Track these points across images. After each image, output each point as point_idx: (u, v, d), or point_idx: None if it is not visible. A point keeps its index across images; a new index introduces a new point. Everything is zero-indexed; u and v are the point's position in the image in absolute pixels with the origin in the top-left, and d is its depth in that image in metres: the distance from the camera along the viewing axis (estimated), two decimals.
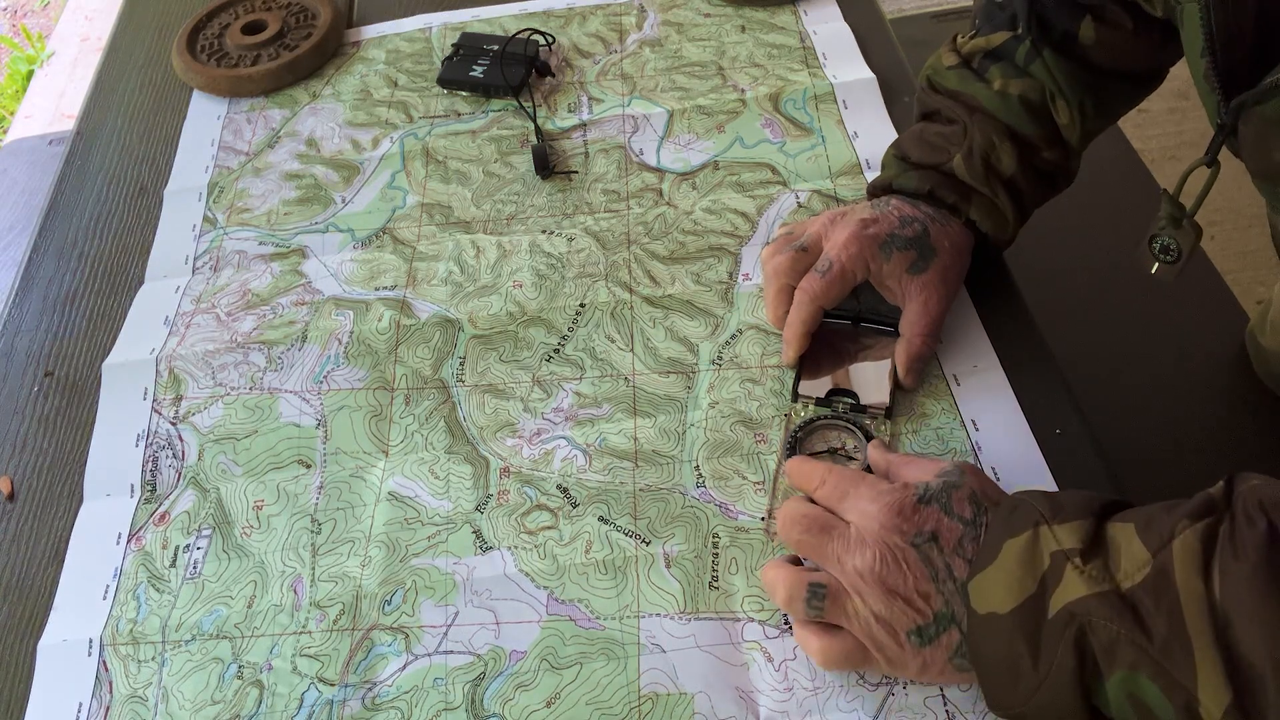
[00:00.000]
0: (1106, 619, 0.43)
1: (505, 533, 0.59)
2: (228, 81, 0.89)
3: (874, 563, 0.49)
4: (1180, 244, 0.60)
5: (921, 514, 0.49)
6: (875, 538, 0.49)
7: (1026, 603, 0.45)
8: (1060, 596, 0.44)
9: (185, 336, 0.71)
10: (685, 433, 0.63)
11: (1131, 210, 0.80)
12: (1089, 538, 0.45)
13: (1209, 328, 0.75)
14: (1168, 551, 0.43)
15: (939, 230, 0.64)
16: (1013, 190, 0.65)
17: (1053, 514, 0.47)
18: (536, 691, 0.53)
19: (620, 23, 0.92)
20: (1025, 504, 0.48)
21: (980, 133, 0.65)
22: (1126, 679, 0.43)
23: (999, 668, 0.46)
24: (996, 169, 0.65)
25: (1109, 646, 0.43)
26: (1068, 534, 0.46)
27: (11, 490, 0.66)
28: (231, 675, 0.55)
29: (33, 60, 2.32)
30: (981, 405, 0.62)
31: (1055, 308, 0.70)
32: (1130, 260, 0.65)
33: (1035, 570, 0.45)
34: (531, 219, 0.76)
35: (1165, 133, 1.73)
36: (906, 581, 0.49)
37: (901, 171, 0.67)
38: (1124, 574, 0.44)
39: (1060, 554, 0.45)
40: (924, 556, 0.49)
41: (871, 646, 0.50)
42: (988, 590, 0.47)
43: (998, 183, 0.65)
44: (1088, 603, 0.43)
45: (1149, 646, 0.42)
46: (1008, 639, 0.46)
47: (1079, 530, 0.46)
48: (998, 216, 0.65)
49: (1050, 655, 0.44)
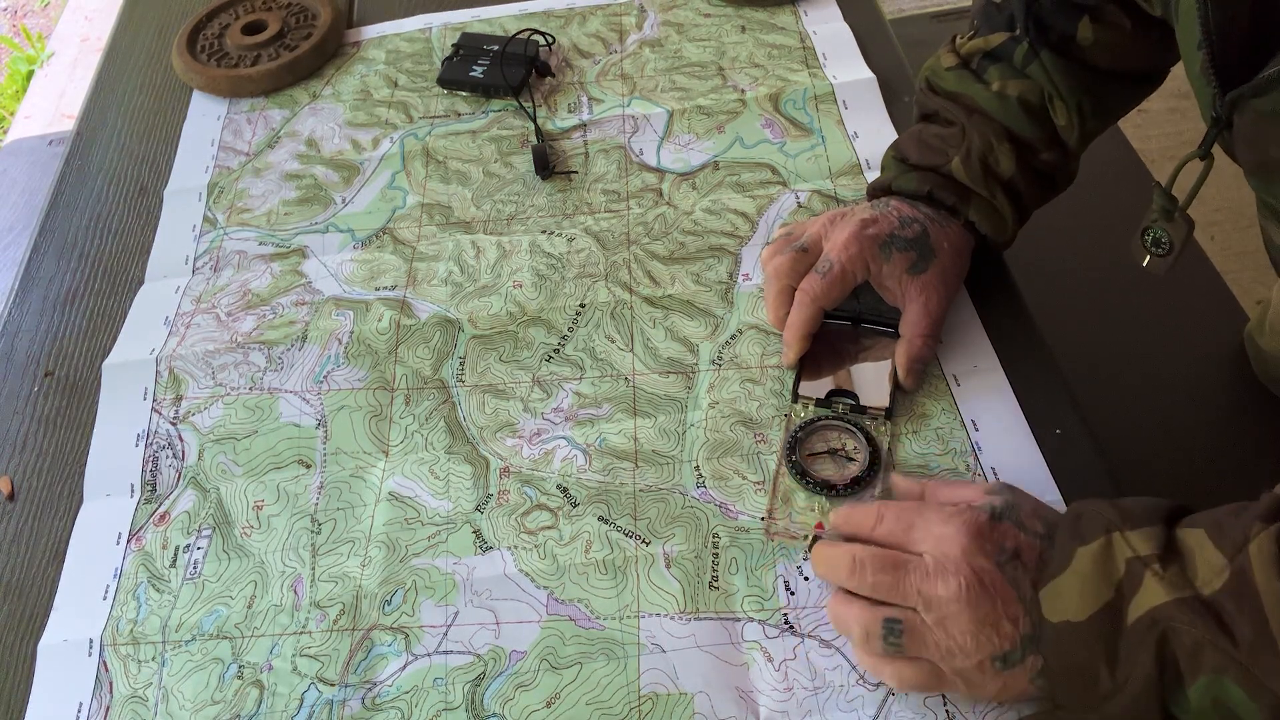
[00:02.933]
0: (1189, 624, 0.43)
1: (505, 533, 0.59)
2: (228, 81, 0.89)
3: (960, 590, 0.47)
4: (1172, 237, 0.60)
5: (1000, 531, 0.49)
6: (957, 564, 0.48)
7: (1103, 610, 0.45)
8: (1140, 603, 0.44)
9: (185, 337, 0.71)
10: (685, 433, 0.63)
11: (1131, 210, 0.80)
12: (1164, 544, 0.45)
13: (1209, 328, 0.75)
14: (1244, 555, 0.43)
15: (938, 231, 0.64)
16: (1011, 192, 0.65)
17: (1123, 520, 0.46)
18: (536, 691, 0.53)
19: (620, 23, 0.92)
20: (1091, 511, 0.48)
21: (978, 134, 0.65)
22: (1212, 684, 0.43)
23: (1074, 675, 0.46)
24: (995, 171, 0.65)
25: (1193, 652, 0.43)
26: (1142, 541, 0.45)
27: (11, 490, 0.66)
28: (231, 675, 0.55)
29: (33, 60, 2.32)
30: (981, 405, 0.62)
31: (1055, 308, 0.70)
32: (1128, 258, 0.65)
33: (1111, 577, 0.45)
34: (531, 219, 0.76)
35: (1165, 133, 1.73)
36: (995, 606, 0.47)
37: (901, 173, 0.67)
38: (1202, 580, 0.43)
39: (1137, 561, 0.45)
40: (1010, 578, 0.48)
41: (951, 674, 0.49)
42: (1061, 598, 0.46)
43: (996, 184, 0.65)
44: (1169, 609, 0.43)
45: (1234, 651, 0.42)
46: (1085, 647, 0.45)
47: (1153, 536, 0.45)
48: (996, 218, 0.65)
49: (1130, 662, 0.44)
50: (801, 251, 0.64)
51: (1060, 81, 0.65)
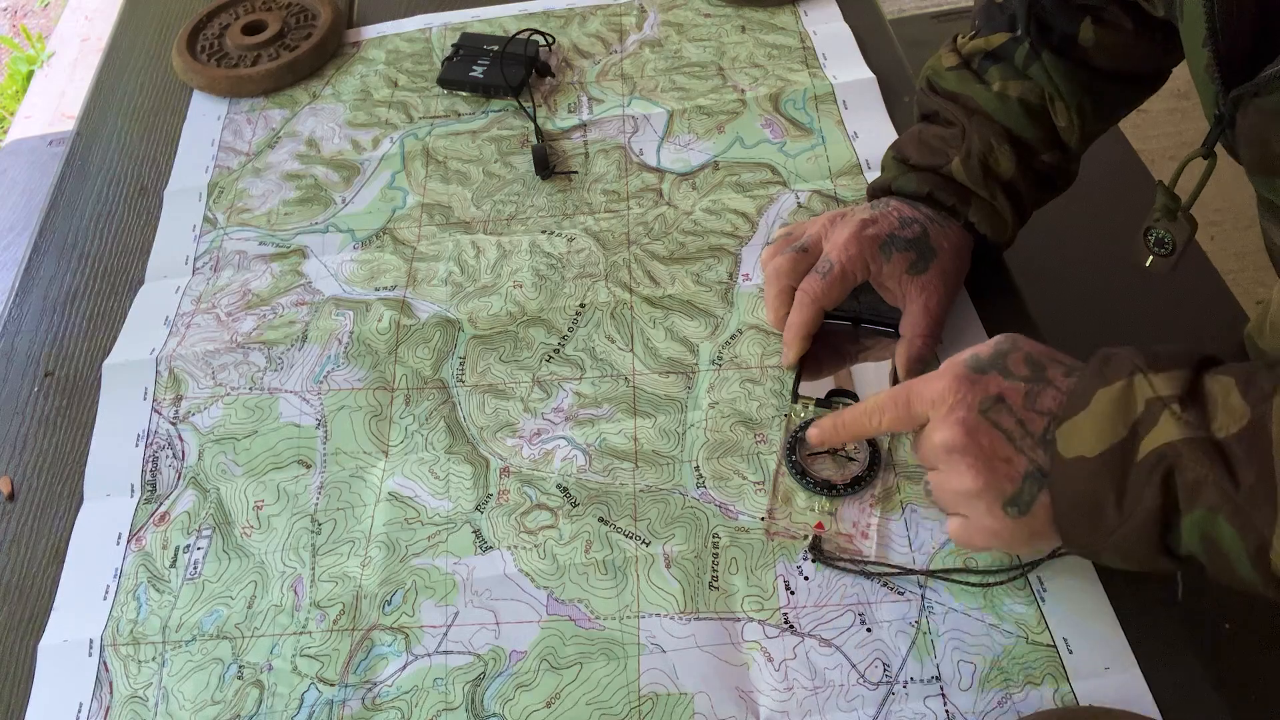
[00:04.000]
0: (1196, 461, 0.43)
1: (505, 533, 0.59)
2: (228, 82, 0.89)
3: (952, 440, 0.50)
4: (1175, 237, 0.60)
5: (983, 382, 0.50)
6: (945, 417, 0.50)
7: (1115, 446, 0.46)
8: (1153, 439, 0.45)
9: (185, 337, 0.71)
10: (685, 433, 0.63)
11: (1132, 211, 0.80)
12: (1187, 387, 0.45)
13: (1209, 328, 0.75)
14: (1267, 405, 0.43)
15: (938, 231, 0.64)
16: (1011, 193, 0.65)
17: (1149, 363, 0.47)
18: (536, 691, 0.53)
19: (620, 23, 0.92)
20: (1120, 355, 0.48)
21: (979, 135, 0.65)
22: (1204, 518, 0.44)
23: (1081, 509, 0.47)
24: (995, 172, 0.65)
25: (1194, 486, 0.44)
26: (1165, 382, 0.46)
27: (11, 490, 0.66)
28: (232, 675, 0.55)
29: (33, 60, 2.32)
30: None
31: (1055, 308, 0.70)
32: (1129, 259, 0.65)
33: (1128, 416, 0.46)
34: (531, 219, 0.76)
35: (1165, 133, 1.73)
36: (983, 448, 0.49)
37: (901, 174, 0.67)
38: (1219, 425, 0.44)
39: (1157, 400, 0.45)
40: (993, 421, 0.49)
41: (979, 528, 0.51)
42: (1076, 435, 0.47)
43: (996, 185, 0.65)
44: (1179, 446, 0.44)
45: (1234, 493, 0.43)
46: (1093, 481, 0.46)
47: (1177, 379, 0.46)
48: (996, 219, 0.65)
49: (1136, 495, 0.45)
50: (801, 252, 0.64)
51: (1061, 82, 0.65)
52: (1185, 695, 0.51)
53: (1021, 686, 0.51)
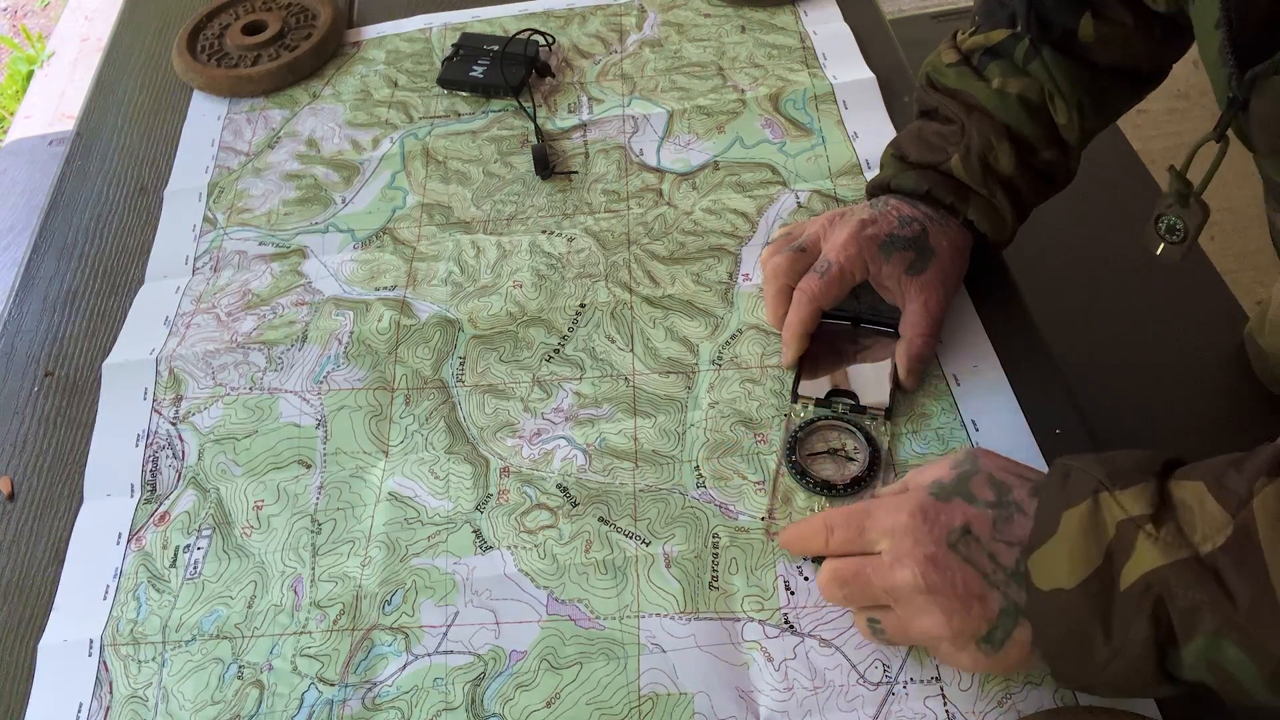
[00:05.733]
0: (1186, 586, 0.41)
1: (505, 532, 0.59)
2: (228, 82, 0.89)
3: (917, 579, 0.47)
4: (1187, 223, 0.59)
5: (947, 510, 0.48)
6: (910, 552, 0.47)
7: (1094, 576, 0.43)
8: (1134, 568, 0.42)
9: (185, 337, 0.71)
10: (685, 433, 0.63)
11: (1131, 211, 0.80)
12: (1156, 501, 0.43)
13: (1209, 328, 0.75)
14: (1248, 510, 0.41)
15: (937, 230, 0.64)
16: (1011, 190, 0.65)
17: (1112, 479, 0.44)
18: (536, 691, 0.53)
19: (620, 23, 0.92)
20: (1078, 470, 0.46)
21: (978, 132, 0.65)
22: (1208, 645, 0.41)
23: (1068, 644, 0.45)
24: (994, 169, 0.65)
25: (1189, 613, 0.41)
26: (1133, 500, 0.43)
27: (11, 490, 0.66)
28: (231, 675, 0.55)
29: (33, 60, 2.32)
30: (981, 405, 0.62)
31: (1055, 308, 0.70)
32: (1129, 258, 0.65)
33: (1100, 540, 0.43)
34: (531, 219, 0.76)
35: (1165, 133, 1.73)
36: (956, 588, 0.47)
37: (899, 171, 0.67)
38: (1202, 537, 0.41)
39: (1129, 522, 0.43)
40: (964, 555, 0.47)
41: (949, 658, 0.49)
42: (1050, 565, 0.45)
43: (995, 183, 0.65)
44: (1165, 572, 0.41)
45: (1234, 612, 0.40)
46: (1075, 614, 0.44)
47: (1144, 494, 0.43)
48: (995, 217, 0.65)
49: (1124, 628, 0.43)
50: (800, 251, 0.64)
51: (1061, 79, 0.64)
52: (1185, 695, 0.51)
53: (1021, 686, 0.51)
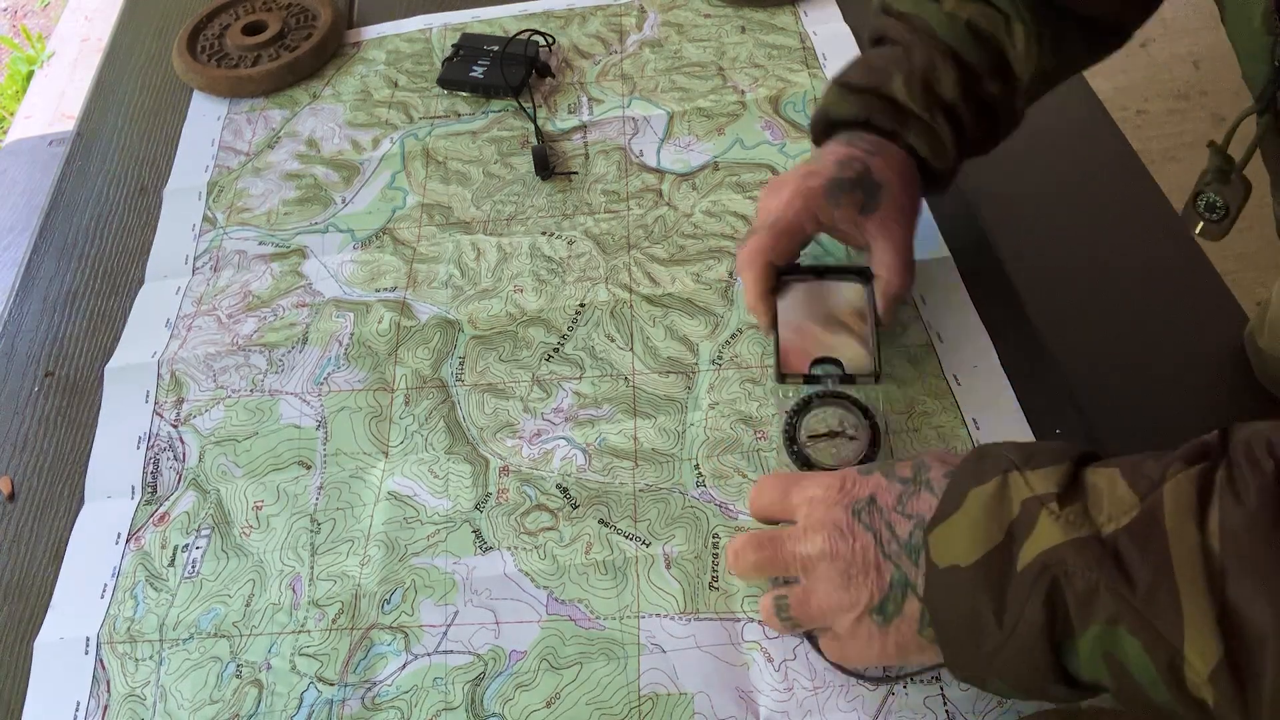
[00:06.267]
0: (1084, 567, 0.39)
1: (505, 532, 0.59)
2: (228, 82, 0.89)
3: (824, 545, 0.47)
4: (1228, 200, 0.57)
5: (861, 483, 0.48)
6: (820, 520, 0.48)
7: (992, 553, 0.42)
8: (1032, 546, 0.41)
9: (186, 339, 0.71)
10: (685, 432, 0.63)
11: (1131, 211, 0.80)
12: (1065, 482, 0.42)
13: (1209, 328, 0.75)
14: (1158, 494, 0.39)
15: (881, 165, 0.61)
16: (953, 117, 0.62)
17: (1025, 460, 0.43)
18: (536, 691, 0.53)
19: (620, 23, 0.92)
20: (995, 452, 0.45)
21: (922, 53, 0.62)
22: (1103, 634, 0.39)
23: (959, 626, 0.43)
24: (936, 92, 0.62)
25: (1085, 597, 0.39)
26: (1041, 480, 0.42)
27: (11, 490, 0.66)
28: (230, 674, 0.55)
29: (33, 60, 2.32)
30: (981, 405, 0.62)
31: (1055, 308, 0.70)
32: (1128, 258, 0.64)
33: (1003, 519, 0.42)
34: (531, 219, 0.76)
35: (1165, 133, 1.73)
36: (854, 554, 0.46)
37: (840, 99, 0.64)
38: (1107, 517, 0.40)
39: (1034, 500, 0.41)
40: (865, 524, 0.46)
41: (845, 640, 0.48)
42: (949, 541, 0.43)
43: (937, 108, 0.62)
44: (1063, 550, 0.40)
45: (1131, 596, 0.38)
46: (969, 593, 0.42)
47: (1054, 475, 0.42)
48: (935, 142, 0.62)
49: (1017, 610, 0.41)
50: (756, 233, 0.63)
51: (1024, 7, 0.62)
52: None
53: None
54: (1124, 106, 1.85)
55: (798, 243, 0.62)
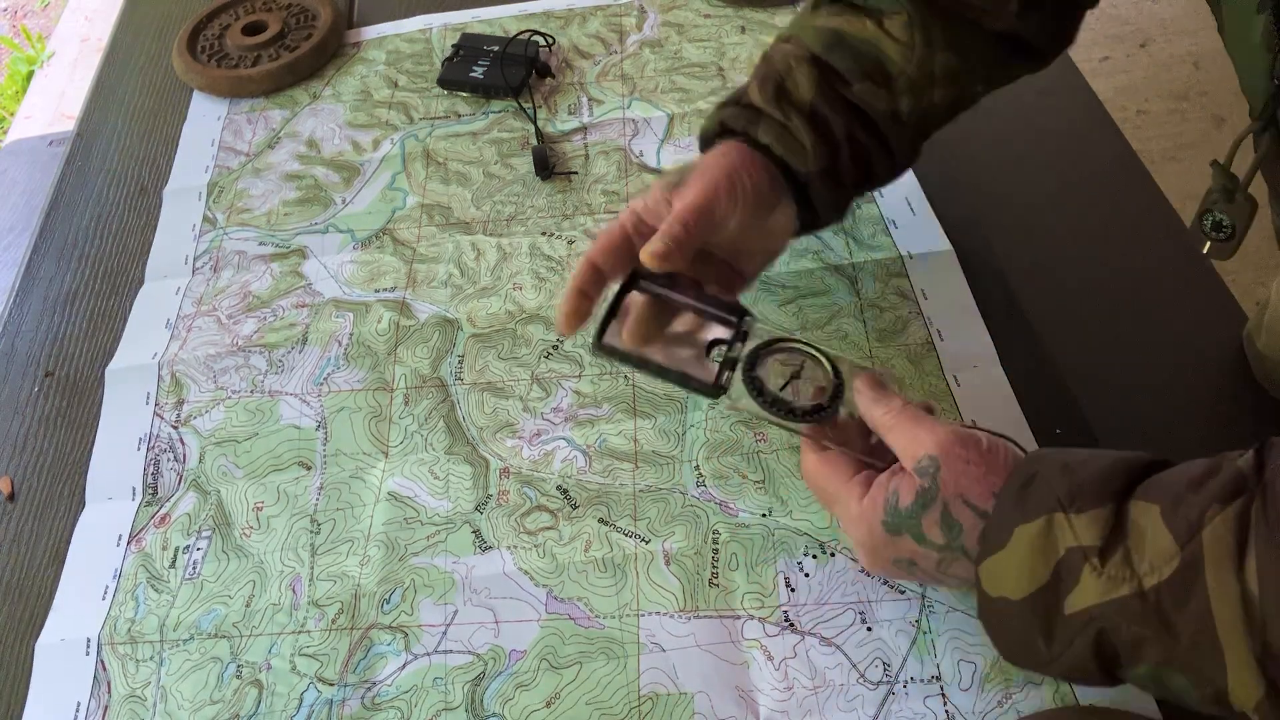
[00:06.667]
0: (1129, 621, 0.41)
1: (504, 533, 0.59)
2: (228, 82, 0.89)
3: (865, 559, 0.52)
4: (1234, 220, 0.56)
5: (895, 544, 0.49)
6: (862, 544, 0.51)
7: (1039, 593, 0.44)
8: (1077, 598, 0.43)
9: (187, 340, 0.71)
10: (685, 433, 0.63)
11: (1131, 212, 0.80)
12: (1108, 529, 0.43)
13: (1209, 329, 0.75)
14: (1197, 543, 0.40)
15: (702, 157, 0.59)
16: (814, 119, 0.58)
17: (1070, 499, 0.44)
18: (536, 691, 0.53)
19: (620, 23, 0.92)
20: (1041, 482, 0.45)
21: (779, 58, 0.60)
22: (1153, 671, 0.42)
23: (1012, 644, 0.46)
24: (791, 94, 0.59)
25: (1132, 646, 0.42)
26: (1085, 527, 0.43)
27: (11, 490, 0.66)
28: (230, 674, 0.55)
29: (33, 61, 2.32)
30: (981, 405, 0.62)
31: (1055, 308, 0.70)
32: (1128, 259, 0.64)
33: (1049, 559, 0.43)
34: (531, 219, 0.76)
35: (1165, 133, 1.73)
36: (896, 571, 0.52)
37: (709, 116, 0.62)
38: (1149, 567, 0.41)
39: (1078, 551, 0.43)
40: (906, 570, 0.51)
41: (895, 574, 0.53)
42: (999, 575, 0.45)
43: (790, 107, 0.59)
44: (1105, 609, 0.42)
45: (1175, 646, 0.41)
46: (1019, 622, 0.45)
47: (1098, 523, 0.43)
48: (791, 141, 0.58)
49: (1065, 644, 0.44)
50: None
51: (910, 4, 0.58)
52: None
53: (1022, 686, 0.51)
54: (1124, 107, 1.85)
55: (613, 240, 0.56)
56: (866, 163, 0.61)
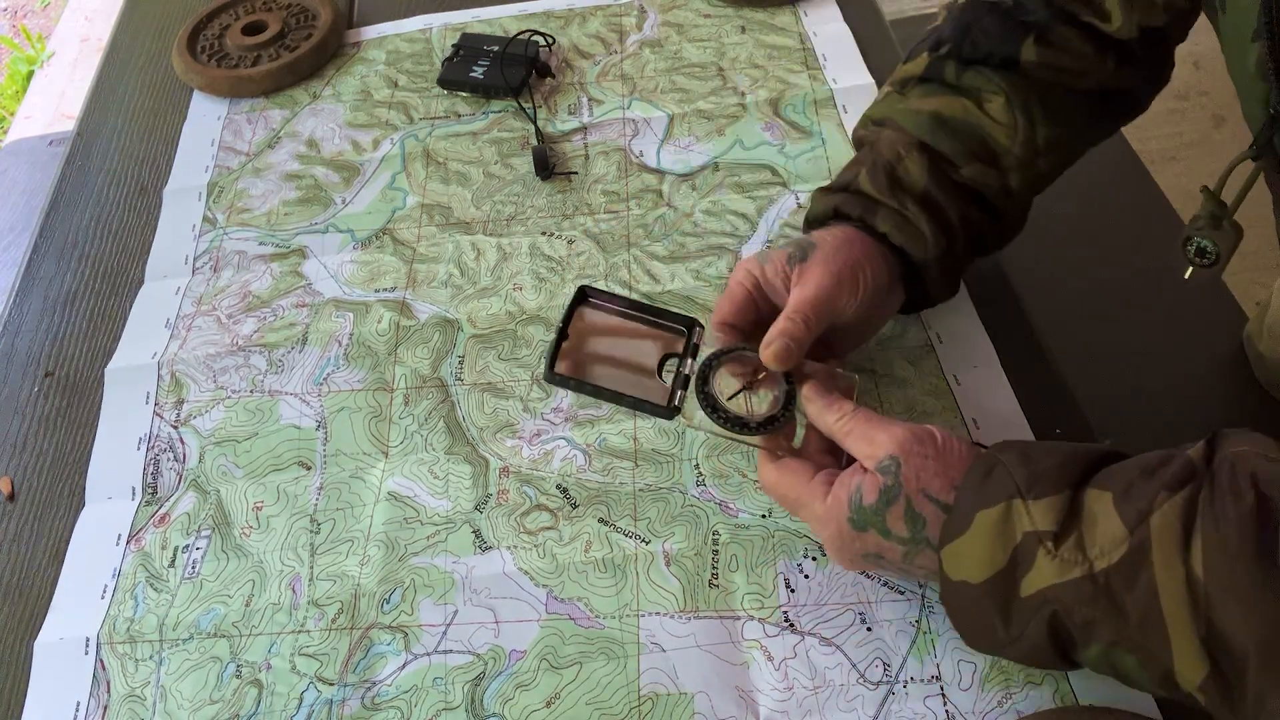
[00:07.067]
0: (1080, 603, 0.43)
1: (504, 532, 0.59)
2: (228, 82, 0.89)
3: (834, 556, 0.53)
4: (1219, 246, 0.57)
5: (862, 540, 0.50)
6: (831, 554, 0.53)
7: (997, 576, 0.46)
8: (1032, 580, 0.45)
9: (187, 340, 0.71)
10: (685, 432, 0.63)
11: (1131, 212, 0.80)
12: (1063, 515, 0.45)
13: (1209, 329, 0.75)
14: (1145, 528, 0.42)
15: (824, 232, 0.60)
16: (928, 204, 0.60)
17: (1028, 486, 0.45)
18: (536, 691, 0.53)
19: (620, 23, 0.92)
20: (1000, 470, 0.47)
21: (886, 147, 0.62)
22: (1105, 652, 0.44)
23: (971, 626, 0.49)
24: (903, 181, 0.60)
25: (1084, 626, 0.44)
26: (1042, 513, 0.45)
27: (11, 490, 0.66)
28: (230, 674, 0.55)
29: (33, 61, 2.32)
30: (981, 405, 0.62)
31: (1055, 308, 0.70)
32: (1128, 259, 0.64)
33: (1007, 544, 0.45)
34: (531, 219, 0.76)
35: (1165, 134, 1.73)
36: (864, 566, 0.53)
37: (817, 200, 0.64)
38: (1099, 551, 0.43)
39: (1034, 535, 0.45)
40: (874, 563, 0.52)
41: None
42: (960, 559, 0.47)
43: (905, 194, 0.60)
44: (1058, 591, 0.44)
45: (1125, 627, 0.43)
46: (979, 605, 0.47)
47: (1053, 509, 0.45)
48: (909, 229, 0.60)
49: (1021, 625, 0.46)
50: None
51: (1004, 83, 0.61)
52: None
53: (1021, 686, 0.51)
54: None
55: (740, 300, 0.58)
56: (979, 238, 0.63)
